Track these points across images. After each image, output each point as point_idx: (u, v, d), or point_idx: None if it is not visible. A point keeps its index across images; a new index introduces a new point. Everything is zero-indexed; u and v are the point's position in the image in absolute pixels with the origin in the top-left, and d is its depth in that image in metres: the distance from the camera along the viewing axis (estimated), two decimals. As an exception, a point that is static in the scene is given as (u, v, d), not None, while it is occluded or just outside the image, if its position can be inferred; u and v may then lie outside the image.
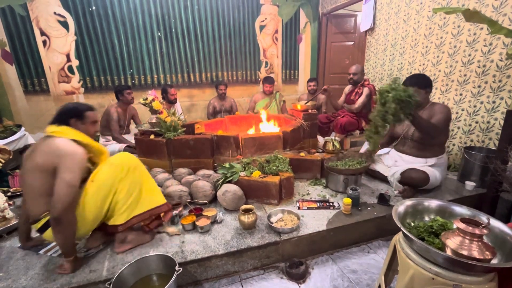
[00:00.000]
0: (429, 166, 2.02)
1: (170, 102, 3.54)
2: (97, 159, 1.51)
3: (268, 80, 3.80)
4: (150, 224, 1.60)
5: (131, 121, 3.43)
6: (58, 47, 3.71)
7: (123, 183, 1.44)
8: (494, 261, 0.98)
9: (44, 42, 3.64)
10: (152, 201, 1.55)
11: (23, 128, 2.96)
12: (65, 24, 3.66)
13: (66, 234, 1.30)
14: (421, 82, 2.00)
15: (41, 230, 1.36)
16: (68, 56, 3.78)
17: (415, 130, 2.04)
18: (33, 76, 3.70)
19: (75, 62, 3.83)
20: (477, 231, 0.93)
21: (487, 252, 0.91)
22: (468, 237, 0.94)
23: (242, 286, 1.48)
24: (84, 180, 1.40)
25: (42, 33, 3.61)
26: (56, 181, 1.26)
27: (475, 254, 0.91)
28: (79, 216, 1.34)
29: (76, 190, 1.30)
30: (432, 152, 2.06)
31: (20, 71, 3.64)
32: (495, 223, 1.07)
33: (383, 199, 1.93)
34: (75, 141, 1.37)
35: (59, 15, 3.61)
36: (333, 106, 3.40)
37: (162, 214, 1.63)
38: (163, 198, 1.61)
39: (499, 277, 1.00)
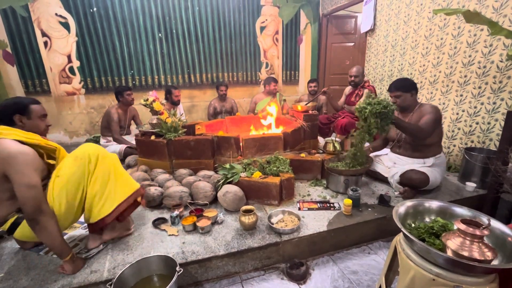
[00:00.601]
0: (428, 167, 2.03)
1: (174, 103, 3.54)
2: (53, 155, 1.44)
3: (273, 79, 3.79)
4: (124, 213, 1.53)
5: (132, 121, 3.43)
6: (59, 48, 3.72)
7: (94, 175, 1.38)
8: (495, 262, 0.98)
9: (45, 43, 3.66)
10: (130, 185, 1.52)
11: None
12: (66, 25, 3.68)
13: (49, 231, 1.26)
14: (405, 86, 2.03)
15: (10, 231, 1.35)
16: (69, 57, 3.79)
17: None
18: (34, 77, 3.72)
19: (76, 63, 3.84)
20: (477, 232, 0.93)
21: (488, 253, 0.91)
22: (468, 238, 0.94)
23: (243, 286, 1.48)
24: (45, 178, 1.37)
25: (43, 34, 3.62)
26: (14, 186, 1.21)
27: (476, 255, 0.91)
28: (53, 209, 1.30)
29: (39, 190, 1.24)
30: (429, 152, 2.06)
31: (21, 72, 3.65)
32: (496, 224, 1.07)
33: (384, 200, 1.94)
34: (19, 142, 1.27)
35: (60, 16, 3.62)
36: (333, 108, 3.41)
37: (139, 199, 1.60)
38: (136, 182, 1.58)
39: (500, 278, 0.99)
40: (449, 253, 0.96)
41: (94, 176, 1.38)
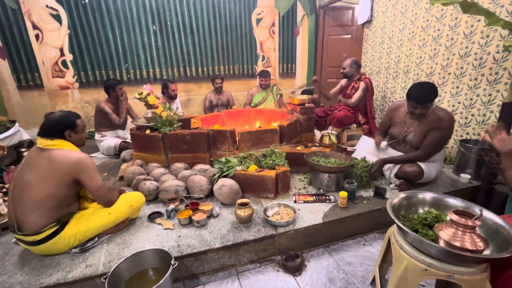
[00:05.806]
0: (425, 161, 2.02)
1: (170, 97, 3.51)
2: None
3: (263, 74, 3.76)
4: None
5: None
6: (51, 41, 3.64)
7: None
8: (487, 252, 0.99)
9: (37, 36, 3.58)
10: None
11: (17, 124, 2.91)
12: (57, 18, 3.59)
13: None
14: (432, 97, 1.89)
15: (42, 241, 1.36)
16: (61, 50, 3.72)
17: (414, 136, 2.02)
18: (26, 71, 3.65)
19: (68, 57, 3.77)
20: (469, 223, 0.93)
21: (480, 243, 0.92)
22: (461, 229, 0.95)
23: (239, 279, 1.49)
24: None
25: (35, 27, 3.54)
26: (87, 188, 1.45)
27: (468, 245, 0.91)
28: (84, 234, 1.49)
29: (104, 187, 1.49)
30: None
31: (13, 66, 3.58)
32: (488, 215, 1.07)
33: (379, 192, 1.94)
34: None
35: (52, 8, 3.54)
36: (324, 96, 3.35)
37: None
38: None
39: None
40: (442, 243, 0.97)
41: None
